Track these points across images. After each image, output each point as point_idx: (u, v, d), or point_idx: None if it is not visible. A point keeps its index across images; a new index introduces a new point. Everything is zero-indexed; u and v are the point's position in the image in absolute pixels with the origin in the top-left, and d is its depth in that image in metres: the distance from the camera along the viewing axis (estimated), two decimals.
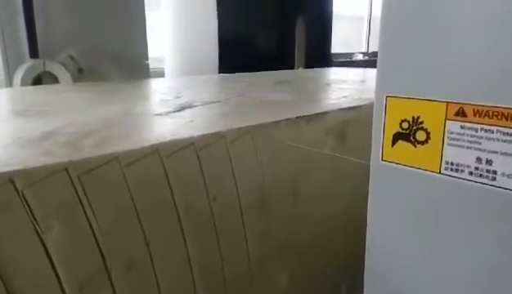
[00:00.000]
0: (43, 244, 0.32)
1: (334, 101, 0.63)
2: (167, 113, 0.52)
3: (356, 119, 0.53)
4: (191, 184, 0.41)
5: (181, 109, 0.55)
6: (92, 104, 0.62)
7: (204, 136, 0.41)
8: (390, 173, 0.34)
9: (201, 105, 0.57)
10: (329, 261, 0.57)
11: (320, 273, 0.56)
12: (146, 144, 0.37)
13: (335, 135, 0.51)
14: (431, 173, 0.31)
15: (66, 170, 0.33)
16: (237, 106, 0.57)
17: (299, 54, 2.00)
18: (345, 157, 0.51)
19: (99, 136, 0.40)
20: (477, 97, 0.28)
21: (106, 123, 0.46)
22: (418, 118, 0.31)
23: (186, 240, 0.41)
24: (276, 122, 0.46)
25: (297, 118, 0.47)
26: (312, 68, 1.63)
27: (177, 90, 0.77)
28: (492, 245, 0.29)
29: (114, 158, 0.35)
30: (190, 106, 0.56)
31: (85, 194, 0.34)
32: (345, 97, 0.63)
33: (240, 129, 0.44)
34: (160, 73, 1.78)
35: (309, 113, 0.49)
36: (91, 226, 0.35)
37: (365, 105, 0.54)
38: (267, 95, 0.69)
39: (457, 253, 0.31)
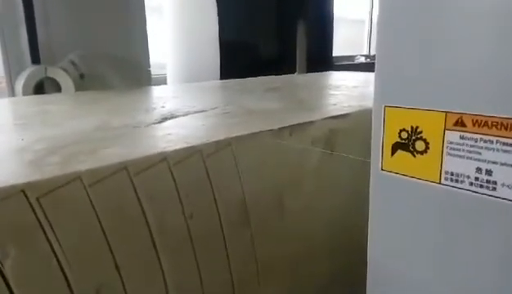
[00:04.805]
0: (1, 272, 0.30)
1: (321, 109, 0.60)
2: (147, 126, 0.50)
3: (344, 128, 0.50)
4: (165, 201, 0.38)
5: (163, 120, 0.52)
6: (74, 116, 0.60)
7: (177, 151, 0.39)
8: (390, 183, 0.33)
9: (184, 116, 0.54)
10: (321, 275, 0.55)
11: (310, 288, 0.54)
12: (113, 162, 0.35)
13: (323, 145, 0.49)
14: (431, 183, 0.31)
15: (23, 192, 0.31)
16: (222, 116, 0.55)
17: (300, 57, 1.99)
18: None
19: (67, 153, 0.38)
20: (476, 107, 0.28)
21: (79, 138, 0.44)
22: (417, 127, 0.31)
23: (162, 262, 0.39)
24: (257, 134, 0.44)
25: (280, 128, 0.45)
26: (314, 71, 1.61)
27: (165, 99, 0.75)
28: (493, 254, 0.29)
29: (76, 178, 0.33)
30: (172, 117, 0.54)
31: (46, 217, 0.32)
32: (334, 104, 0.60)
33: (218, 142, 0.42)
34: (163, 80, 1.76)
35: (293, 123, 0.46)
36: (53, 251, 0.32)
37: (353, 113, 0.52)
38: (255, 103, 0.67)
39: (458, 263, 0.31)
